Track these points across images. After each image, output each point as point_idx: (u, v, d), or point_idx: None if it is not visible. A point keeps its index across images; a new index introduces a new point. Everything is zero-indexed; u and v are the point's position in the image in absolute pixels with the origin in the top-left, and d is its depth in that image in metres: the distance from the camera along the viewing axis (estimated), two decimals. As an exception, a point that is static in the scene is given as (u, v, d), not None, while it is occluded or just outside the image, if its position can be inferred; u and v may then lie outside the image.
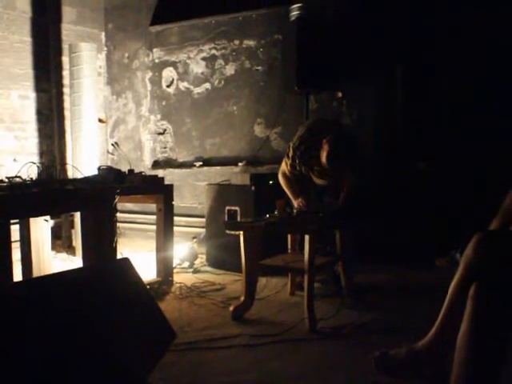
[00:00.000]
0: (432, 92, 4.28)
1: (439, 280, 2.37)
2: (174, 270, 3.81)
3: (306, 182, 3.61)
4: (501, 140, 3.92)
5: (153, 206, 3.81)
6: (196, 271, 4.14)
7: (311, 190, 3.63)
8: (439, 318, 1.90)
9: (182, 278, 3.81)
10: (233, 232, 3.01)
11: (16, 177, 2.92)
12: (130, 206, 5.64)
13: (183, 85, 5.62)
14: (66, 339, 1.62)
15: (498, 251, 1.68)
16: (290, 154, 3.42)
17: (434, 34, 4.21)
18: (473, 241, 1.75)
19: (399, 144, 4.41)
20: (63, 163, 5.26)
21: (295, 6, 4.14)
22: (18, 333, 1.50)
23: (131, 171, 3.62)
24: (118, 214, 3.25)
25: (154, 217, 3.76)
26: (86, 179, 3.36)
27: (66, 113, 5.49)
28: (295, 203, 3.42)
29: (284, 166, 3.52)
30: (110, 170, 3.48)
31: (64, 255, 4.90)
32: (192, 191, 5.48)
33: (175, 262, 3.96)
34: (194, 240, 4.42)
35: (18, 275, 3.12)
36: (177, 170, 5.60)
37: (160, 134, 5.84)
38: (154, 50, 5.81)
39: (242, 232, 2.95)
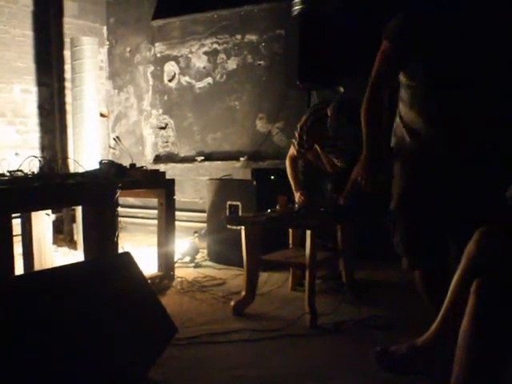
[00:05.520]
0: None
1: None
2: (176, 265, 3.81)
3: (309, 173, 3.58)
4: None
5: (154, 201, 3.80)
6: (197, 266, 4.14)
7: (314, 183, 3.60)
8: (440, 314, 1.89)
9: (183, 273, 3.82)
10: (234, 227, 3.02)
11: (18, 171, 2.92)
12: (131, 200, 5.64)
13: (185, 79, 5.61)
14: (66, 333, 1.62)
15: (501, 247, 1.67)
16: (297, 134, 3.34)
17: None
18: (476, 236, 1.73)
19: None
20: (65, 157, 5.26)
21: (297, 0, 4.12)
22: (18, 326, 1.51)
23: (133, 166, 3.61)
24: (120, 209, 3.25)
25: (156, 211, 3.76)
26: (87, 173, 3.36)
27: (68, 107, 5.48)
28: (296, 195, 3.40)
29: (292, 150, 3.45)
30: (111, 164, 3.47)
31: (65, 249, 4.91)
32: (193, 186, 5.48)
33: (176, 257, 3.96)
34: (196, 235, 4.42)
35: (19, 269, 3.12)
36: (178, 165, 5.60)
37: (162, 128, 5.84)
38: (156, 44, 5.79)
39: (243, 227, 2.95)
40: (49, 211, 3.49)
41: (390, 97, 2.21)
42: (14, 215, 2.75)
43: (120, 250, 3.25)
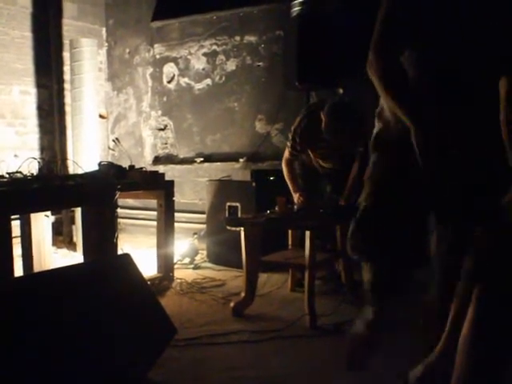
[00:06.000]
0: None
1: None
2: (175, 266, 3.82)
3: (307, 175, 3.58)
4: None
5: (154, 202, 3.81)
6: (197, 267, 4.14)
7: (312, 183, 3.60)
8: (446, 330, 1.79)
9: (182, 274, 3.81)
10: (233, 228, 3.01)
11: (17, 172, 2.92)
12: (130, 201, 5.64)
13: (184, 80, 5.61)
14: (66, 333, 1.62)
15: (502, 245, 1.62)
16: (291, 136, 3.37)
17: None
18: (476, 234, 1.69)
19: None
20: (64, 159, 5.25)
21: (296, 1, 4.12)
22: (18, 326, 1.51)
23: (132, 167, 3.61)
24: (119, 210, 3.26)
25: (155, 213, 3.76)
26: (86, 175, 3.36)
27: (67, 108, 5.48)
28: (294, 197, 3.40)
29: (286, 153, 3.47)
30: (110, 165, 3.47)
31: (65, 251, 4.91)
32: (193, 187, 5.47)
33: (176, 258, 3.96)
34: (195, 236, 4.42)
35: (18, 271, 3.12)
36: (178, 166, 5.60)
37: (161, 129, 5.84)
38: (155, 45, 5.79)
39: (242, 228, 2.95)
40: (48, 213, 3.49)
41: None
42: (13, 217, 2.76)
43: (119, 252, 3.26)
